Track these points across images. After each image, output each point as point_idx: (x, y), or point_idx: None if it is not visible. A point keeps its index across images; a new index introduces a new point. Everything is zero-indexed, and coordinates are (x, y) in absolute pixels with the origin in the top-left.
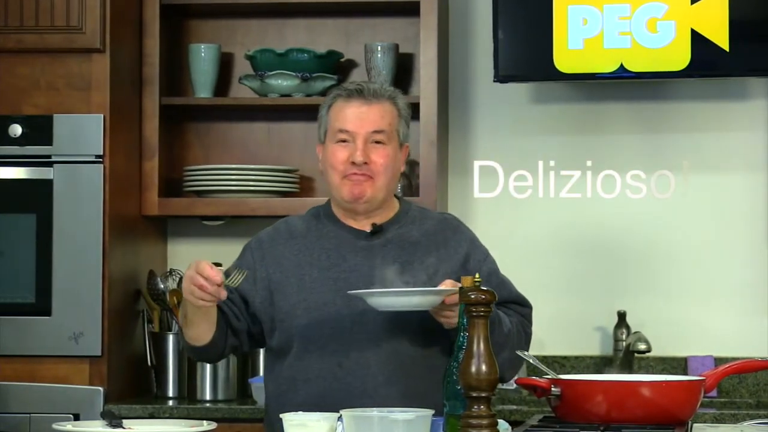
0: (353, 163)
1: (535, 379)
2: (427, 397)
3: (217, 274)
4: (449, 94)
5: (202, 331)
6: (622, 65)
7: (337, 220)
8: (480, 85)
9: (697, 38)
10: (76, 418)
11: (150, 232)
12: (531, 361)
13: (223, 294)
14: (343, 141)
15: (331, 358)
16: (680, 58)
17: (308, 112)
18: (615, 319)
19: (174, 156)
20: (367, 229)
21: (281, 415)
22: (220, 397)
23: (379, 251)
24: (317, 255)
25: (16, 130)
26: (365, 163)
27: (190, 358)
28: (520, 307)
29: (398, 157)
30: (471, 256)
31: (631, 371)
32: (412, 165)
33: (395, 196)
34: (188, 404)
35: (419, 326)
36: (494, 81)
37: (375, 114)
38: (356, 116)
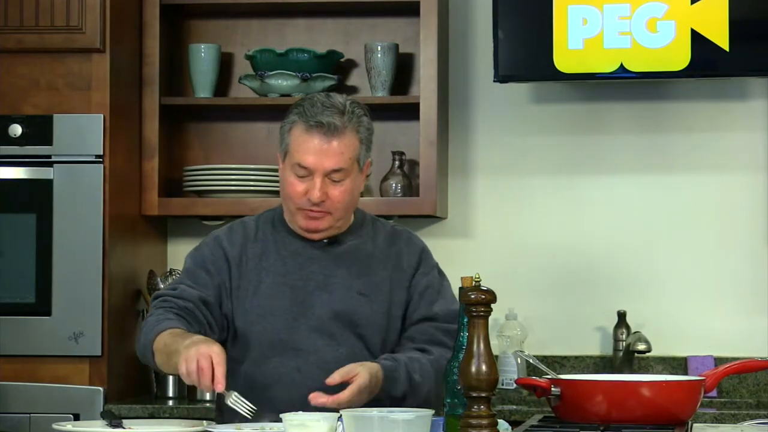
0: (310, 199)
1: (535, 379)
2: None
3: (219, 384)
4: (449, 94)
5: None
6: (622, 65)
7: (292, 228)
8: (480, 85)
9: (697, 38)
10: (76, 418)
11: (150, 232)
12: (531, 361)
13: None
14: (301, 176)
15: (289, 363)
16: (680, 58)
17: None
18: (615, 319)
19: (174, 156)
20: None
21: (281, 415)
22: None
23: (334, 261)
24: (273, 261)
25: (16, 130)
26: (322, 200)
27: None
28: (447, 324)
29: (358, 183)
30: (418, 269)
31: (631, 371)
32: (412, 165)
33: None
34: (188, 404)
35: (376, 325)
36: (494, 81)
37: (335, 151)
38: (316, 153)
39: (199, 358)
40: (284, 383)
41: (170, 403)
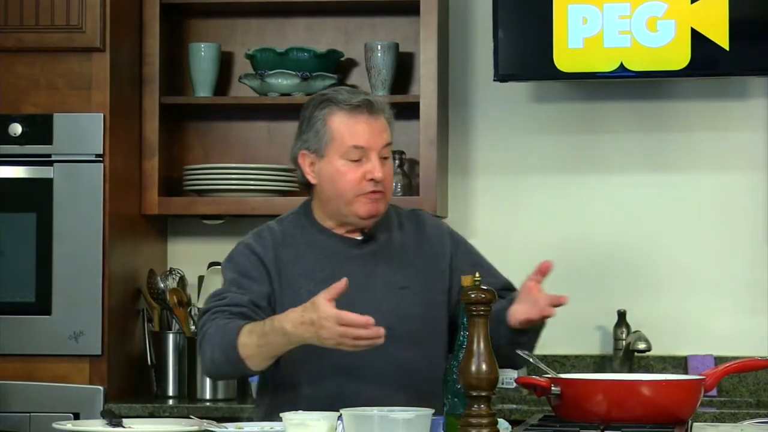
0: (371, 180)
1: (535, 379)
2: (434, 397)
3: (368, 318)
4: (449, 94)
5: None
6: (622, 64)
7: (324, 229)
8: (480, 85)
9: (697, 37)
10: (76, 417)
11: (150, 232)
12: (531, 360)
13: (381, 331)
14: (355, 160)
15: (335, 371)
16: (680, 57)
17: None
18: (615, 319)
19: (174, 155)
20: (356, 236)
21: (281, 414)
22: (219, 396)
23: (372, 259)
24: (310, 266)
25: (16, 129)
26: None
27: (216, 377)
28: (510, 293)
29: None
30: (455, 252)
31: (631, 370)
32: (412, 164)
33: None
34: (188, 403)
35: (419, 331)
36: (494, 80)
37: (382, 127)
38: (368, 131)
39: (345, 335)
40: (333, 394)
41: (170, 402)
